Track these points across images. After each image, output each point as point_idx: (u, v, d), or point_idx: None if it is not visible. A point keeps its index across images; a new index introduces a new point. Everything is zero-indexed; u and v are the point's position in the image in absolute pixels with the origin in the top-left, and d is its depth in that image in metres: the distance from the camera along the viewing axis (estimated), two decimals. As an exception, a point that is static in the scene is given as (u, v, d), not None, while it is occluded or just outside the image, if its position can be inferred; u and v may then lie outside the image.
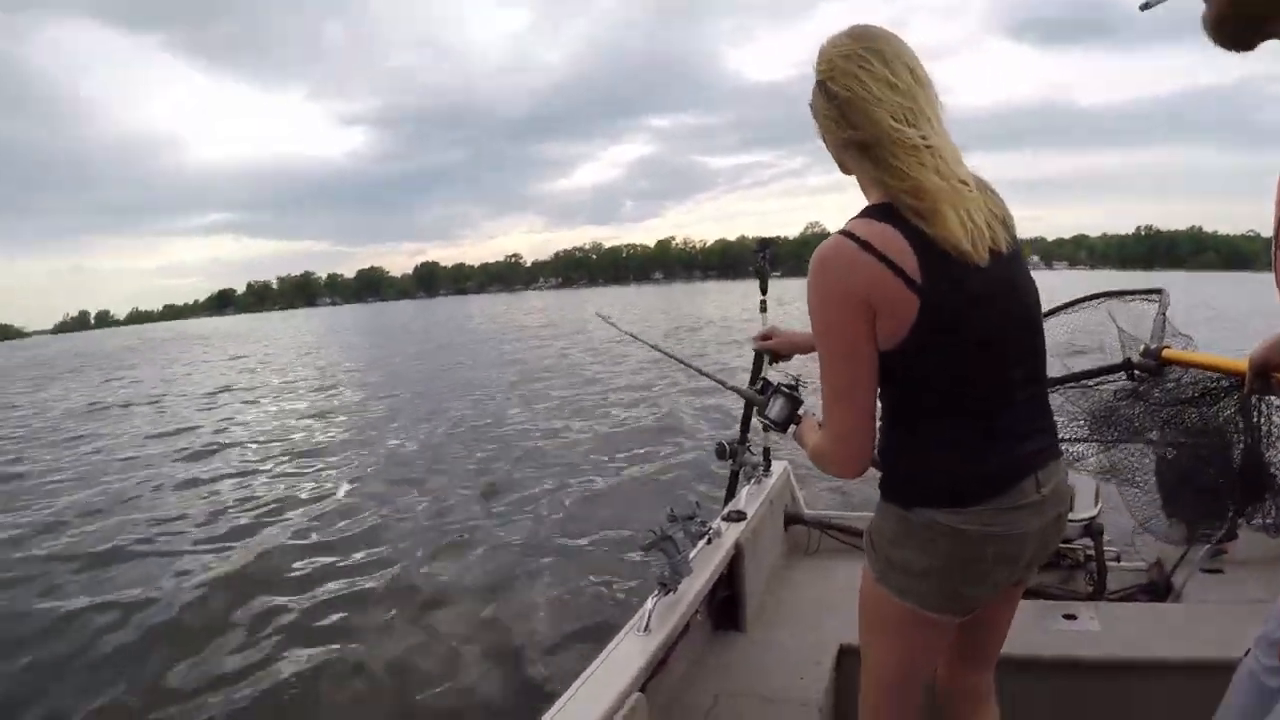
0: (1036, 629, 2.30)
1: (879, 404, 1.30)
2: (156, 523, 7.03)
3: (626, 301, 69.67)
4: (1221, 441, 2.89)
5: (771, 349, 1.78)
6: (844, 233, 1.22)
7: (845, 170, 1.34)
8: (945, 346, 1.21)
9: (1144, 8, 0.93)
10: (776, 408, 1.67)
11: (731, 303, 48.29)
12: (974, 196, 1.23)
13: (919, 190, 1.18)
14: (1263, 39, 0.80)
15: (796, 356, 1.88)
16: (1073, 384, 2.67)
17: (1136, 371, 2.17)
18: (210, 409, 15.48)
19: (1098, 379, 2.64)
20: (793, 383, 1.70)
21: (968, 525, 1.25)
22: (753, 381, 1.81)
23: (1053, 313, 2.89)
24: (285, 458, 9.74)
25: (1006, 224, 1.30)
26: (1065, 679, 1.99)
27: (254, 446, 10.72)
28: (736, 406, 1.96)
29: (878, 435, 1.31)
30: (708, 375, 2.40)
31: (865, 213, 1.24)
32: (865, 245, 1.18)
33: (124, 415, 15.45)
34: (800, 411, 1.65)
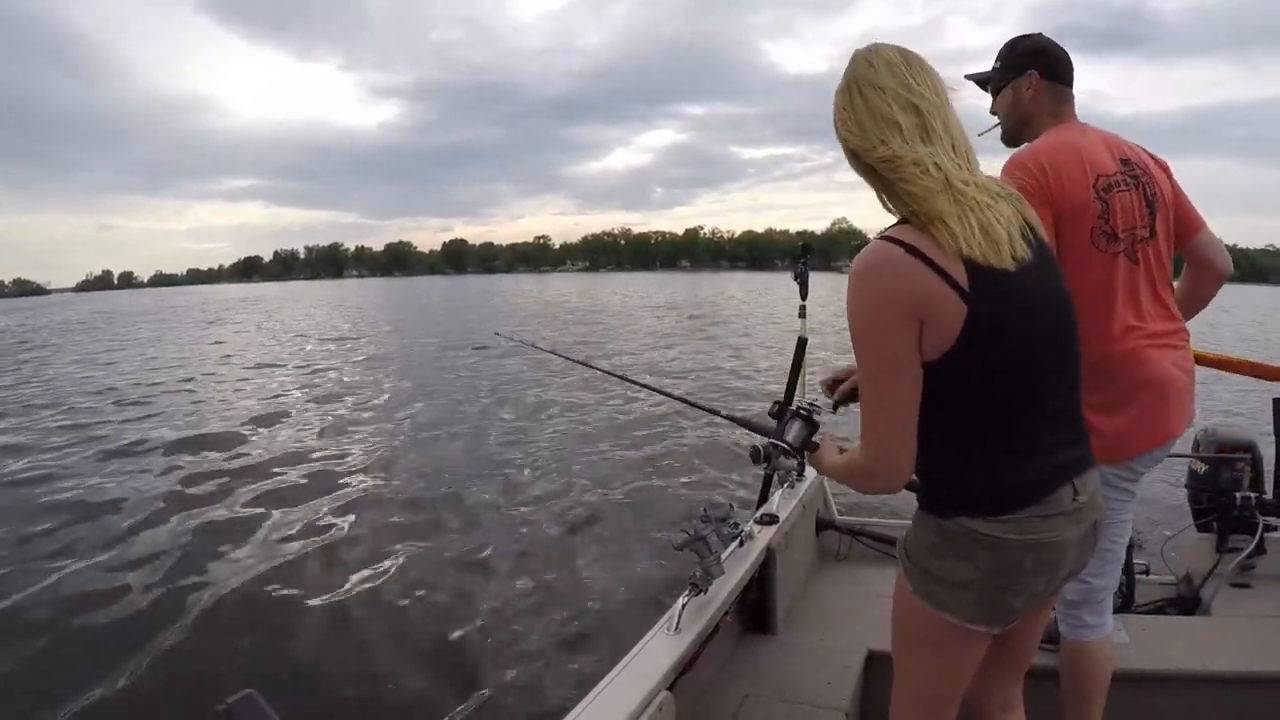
0: None
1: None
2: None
3: (656, 287, 69.43)
4: (1253, 454, 2.87)
5: (847, 392, 1.71)
6: (889, 238, 1.20)
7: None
8: (988, 356, 1.19)
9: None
10: (793, 431, 1.61)
11: (757, 295, 48.02)
12: (989, 205, 1.21)
13: (927, 213, 1.18)
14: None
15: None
16: None
17: None
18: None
19: None
20: (809, 405, 1.65)
21: (1007, 534, 1.23)
22: (788, 395, 1.76)
23: None
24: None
25: (1032, 229, 1.29)
26: None
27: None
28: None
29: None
30: (689, 402, 2.46)
31: (904, 223, 1.22)
32: (913, 250, 1.16)
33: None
34: (815, 437, 1.60)
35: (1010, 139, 1.94)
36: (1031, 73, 1.85)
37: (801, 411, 1.63)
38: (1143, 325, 1.78)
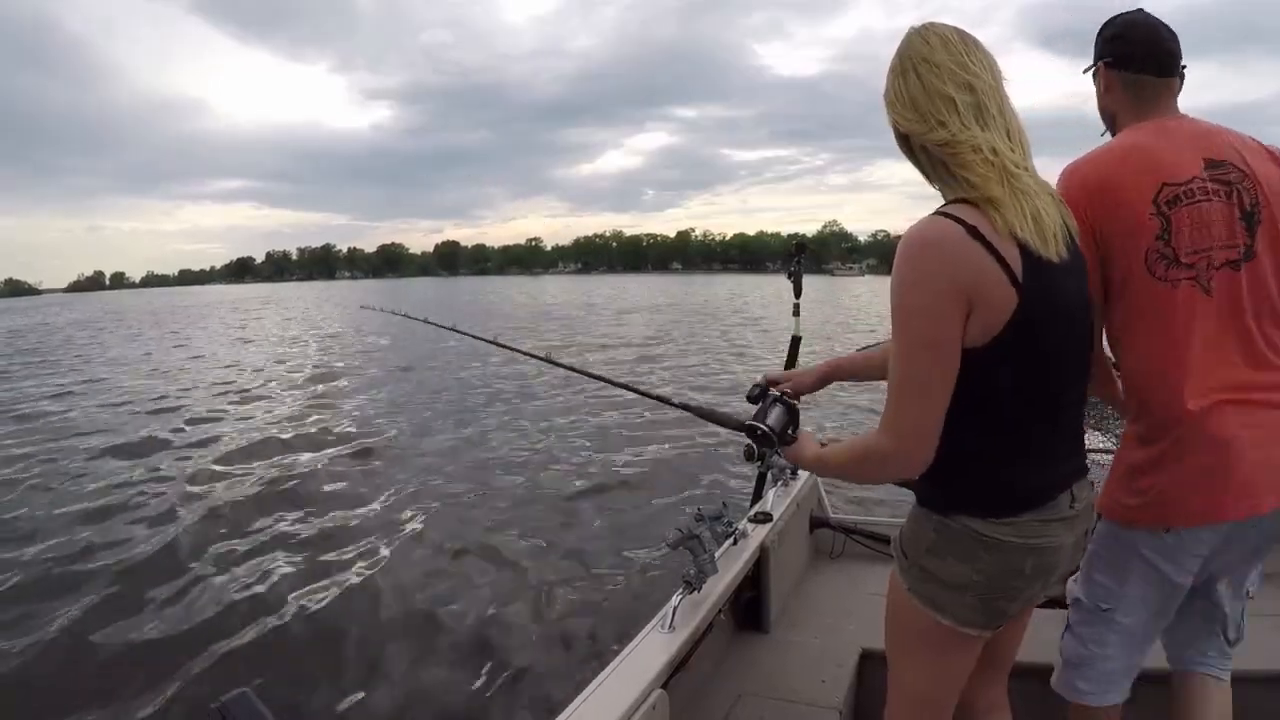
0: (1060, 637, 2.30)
1: None
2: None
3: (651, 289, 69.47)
4: None
5: (792, 389, 1.65)
6: (947, 215, 1.15)
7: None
8: (1026, 352, 1.15)
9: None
10: (774, 415, 1.55)
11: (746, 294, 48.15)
12: (1038, 195, 1.19)
13: (982, 196, 1.14)
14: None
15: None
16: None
17: None
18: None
19: None
20: (789, 391, 1.62)
21: (1009, 536, 1.21)
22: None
23: None
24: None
25: (1070, 234, 1.26)
26: None
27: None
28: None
29: None
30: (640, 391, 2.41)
31: (960, 201, 1.18)
32: (973, 231, 1.12)
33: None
34: (793, 430, 1.54)
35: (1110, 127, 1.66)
36: (1099, 64, 1.61)
37: (785, 398, 1.59)
38: (1212, 374, 1.43)
